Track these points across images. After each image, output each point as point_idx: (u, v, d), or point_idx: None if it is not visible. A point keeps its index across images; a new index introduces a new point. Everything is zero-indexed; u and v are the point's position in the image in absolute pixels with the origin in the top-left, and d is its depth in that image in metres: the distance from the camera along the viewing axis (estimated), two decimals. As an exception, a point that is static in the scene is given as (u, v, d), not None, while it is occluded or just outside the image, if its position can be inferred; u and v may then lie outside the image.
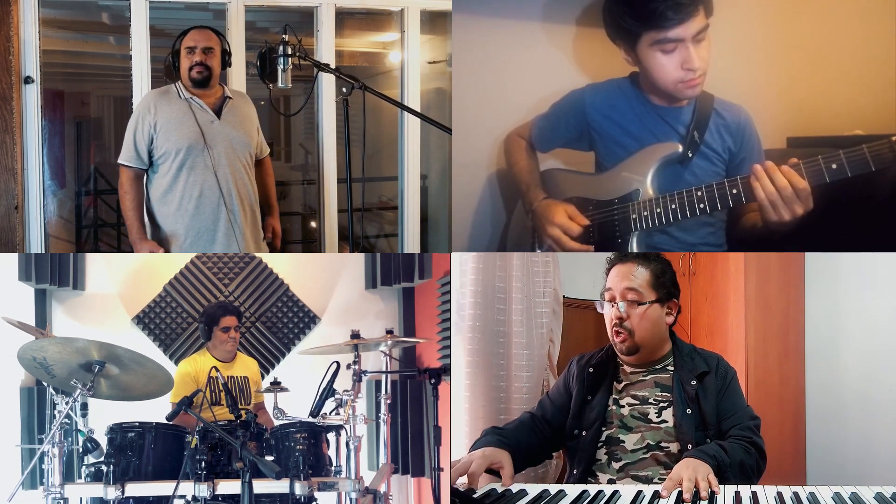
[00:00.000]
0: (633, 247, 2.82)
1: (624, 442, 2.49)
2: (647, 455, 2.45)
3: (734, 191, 2.65)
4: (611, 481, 2.45)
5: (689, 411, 2.44)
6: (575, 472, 2.53)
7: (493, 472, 2.36)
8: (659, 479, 2.40)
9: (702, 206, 2.70)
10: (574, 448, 2.56)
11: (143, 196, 3.45)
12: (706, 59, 2.69)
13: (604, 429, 2.53)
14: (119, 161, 3.43)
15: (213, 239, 3.42)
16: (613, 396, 2.57)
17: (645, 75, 2.81)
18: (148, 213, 3.46)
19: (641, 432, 2.48)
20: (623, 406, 2.54)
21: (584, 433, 2.54)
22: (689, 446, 2.38)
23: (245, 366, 3.66)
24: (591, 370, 2.62)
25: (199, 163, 3.36)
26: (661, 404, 2.50)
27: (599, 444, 2.52)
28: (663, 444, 2.45)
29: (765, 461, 2.38)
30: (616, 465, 2.47)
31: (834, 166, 2.48)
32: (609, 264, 2.62)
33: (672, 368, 2.55)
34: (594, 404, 2.57)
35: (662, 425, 2.47)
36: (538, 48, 3.24)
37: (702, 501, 2.02)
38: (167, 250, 3.45)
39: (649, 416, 2.50)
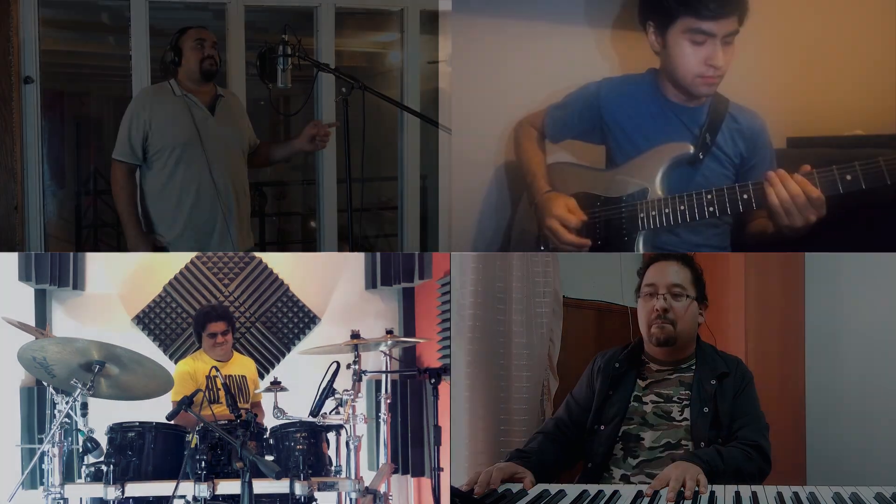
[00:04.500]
0: (640, 246, 2.82)
1: (643, 439, 2.49)
2: (665, 454, 2.45)
3: (745, 196, 2.63)
4: (624, 476, 2.46)
5: (705, 409, 2.46)
6: (590, 465, 2.54)
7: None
8: None
9: (711, 209, 2.69)
10: (591, 443, 2.57)
11: (137, 193, 3.45)
12: (728, 63, 2.71)
13: (623, 425, 2.54)
14: (114, 156, 3.41)
15: (212, 233, 3.44)
16: (636, 393, 2.58)
17: (666, 63, 2.80)
18: (143, 211, 3.46)
19: (663, 430, 2.49)
20: (646, 403, 2.55)
21: (602, 428, 2.56)
22: (702, 444, 2.40)
23: (242, 365, 3.67)
24: (617, 365, 2.63)
25: (195, 159, 3.37)
26: (685, 402, 2.51)
27: (617, 440, 2.52)
28: (683, 442, 2.46)
29: (769, 465, 2.38)
30: (633, 462, 2.48)
31: (849, 178, 2.46)
32: (647, 262, 2.66)
33: (695, 367, 2.57)
34: (615, 400, 2.58)
35: (683, 423, 2.49)
36: (537, 48, 3.24)
37: (685, 501, 2.04)
38: (164, 247, 3.45)
39: (672, 415, 2.51)
